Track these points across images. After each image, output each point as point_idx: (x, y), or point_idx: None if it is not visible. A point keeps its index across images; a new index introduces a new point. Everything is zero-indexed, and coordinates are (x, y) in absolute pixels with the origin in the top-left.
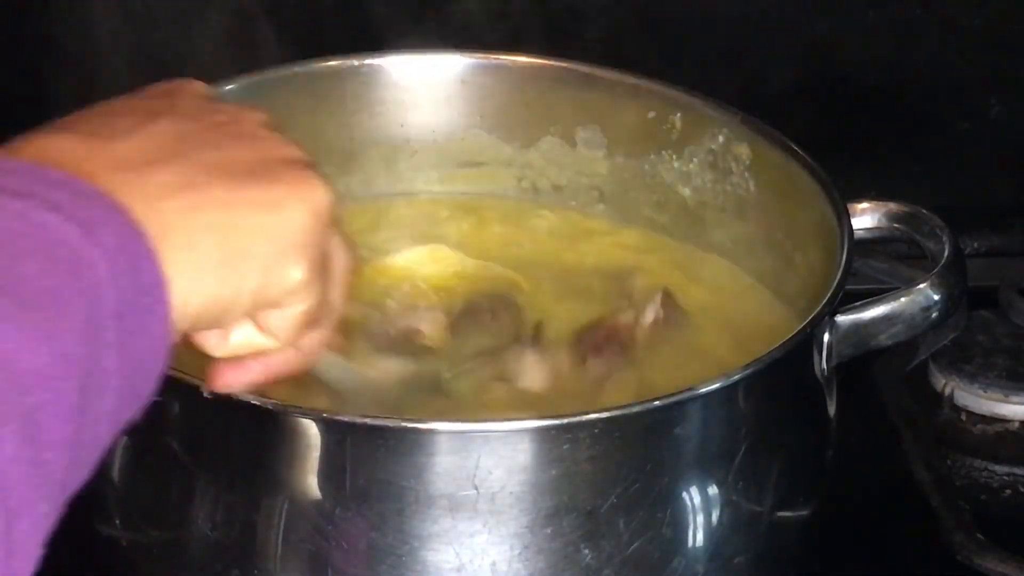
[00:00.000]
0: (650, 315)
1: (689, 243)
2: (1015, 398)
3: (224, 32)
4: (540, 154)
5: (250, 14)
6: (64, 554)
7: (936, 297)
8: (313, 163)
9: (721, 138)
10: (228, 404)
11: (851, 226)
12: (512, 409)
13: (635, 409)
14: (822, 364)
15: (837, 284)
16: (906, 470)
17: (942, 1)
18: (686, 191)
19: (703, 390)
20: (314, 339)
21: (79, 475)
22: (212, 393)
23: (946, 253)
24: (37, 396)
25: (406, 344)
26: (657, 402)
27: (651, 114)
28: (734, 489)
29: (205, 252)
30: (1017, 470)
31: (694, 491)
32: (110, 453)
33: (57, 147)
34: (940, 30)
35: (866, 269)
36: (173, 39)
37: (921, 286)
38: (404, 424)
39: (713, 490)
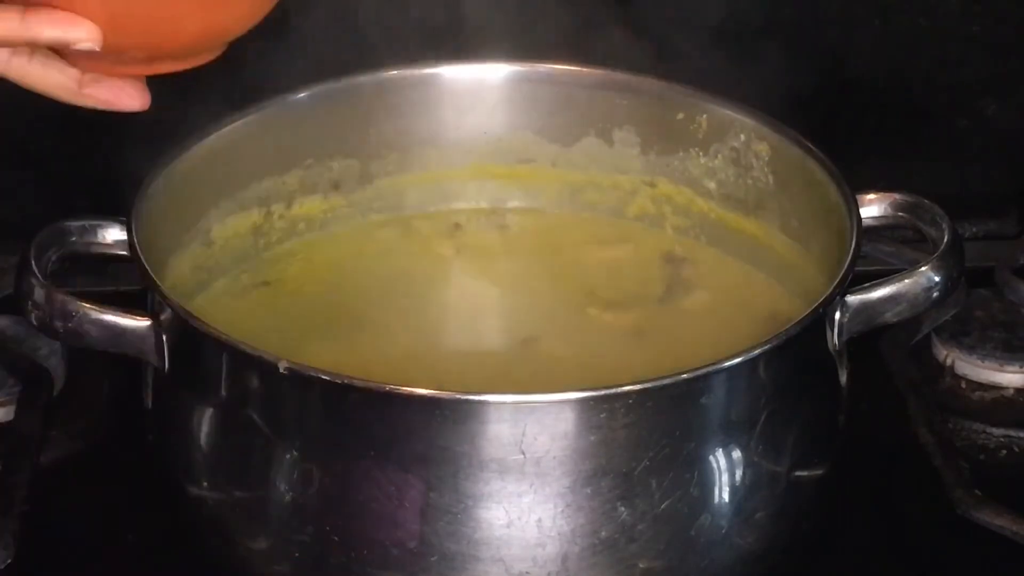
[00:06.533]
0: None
1: (713, 231)
2: (1009, 367)
3: None
4: (581, 152)
5: None
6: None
7: (937, 278)
8: None
9: (743, 136)
10: (301, 379)
11: (860, 215)
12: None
13: (665, 381)
14: (834, 339)
15: (847, 267)
16: (911, 433)
17: (942, 11)
18: (711, 184)
19: (727, 364)
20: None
21: None
22: (288, 369)
23: (946, 239)
24: None
25: None
26: (685, 375)
27: (680, 115)
28: (755, 452)
29: None
30: (1012, 432)
31: (719, 454)
32: (198, 422)
33: None
34: (941, 38)
35: (874, 253)
36: None
37: (923, 268)
38: (460, 396)
39: (737, 453)
